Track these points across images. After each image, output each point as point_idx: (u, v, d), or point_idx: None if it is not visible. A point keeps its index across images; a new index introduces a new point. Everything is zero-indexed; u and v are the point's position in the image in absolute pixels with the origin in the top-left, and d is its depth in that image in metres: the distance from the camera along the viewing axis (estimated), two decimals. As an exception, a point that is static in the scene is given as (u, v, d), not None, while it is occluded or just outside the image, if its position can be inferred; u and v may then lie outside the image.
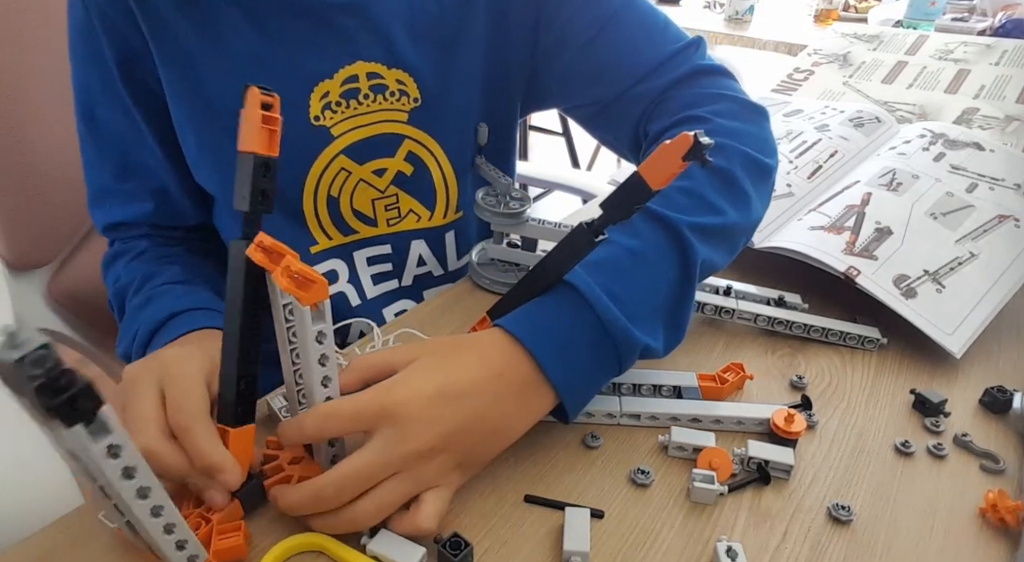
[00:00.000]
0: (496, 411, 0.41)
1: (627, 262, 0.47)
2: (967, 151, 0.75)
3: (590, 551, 0.39)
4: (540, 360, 0.42)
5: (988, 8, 1.69)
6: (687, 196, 0.51)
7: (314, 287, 0.35)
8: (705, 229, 0.49)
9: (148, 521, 0.33)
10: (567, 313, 0.44)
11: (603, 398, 0.49)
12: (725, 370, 0.53)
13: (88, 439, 0.28)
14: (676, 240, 0.48)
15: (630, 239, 0.48)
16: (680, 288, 0.48)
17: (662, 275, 0.47)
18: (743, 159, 0.54)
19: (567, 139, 2.51)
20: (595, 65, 0.63)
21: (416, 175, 0.64)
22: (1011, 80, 0.93)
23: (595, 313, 0.44)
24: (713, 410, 0.49)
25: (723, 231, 0.51)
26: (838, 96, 0.97)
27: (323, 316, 0.36)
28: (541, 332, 0.43)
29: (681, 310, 0.48)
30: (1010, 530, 0.43)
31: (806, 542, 0.42)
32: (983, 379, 0.57)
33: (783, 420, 0.47)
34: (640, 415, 0.49)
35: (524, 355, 0.42)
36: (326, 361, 0.38)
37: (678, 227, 0.48)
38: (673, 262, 0.48)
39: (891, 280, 0.60)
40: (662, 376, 0.52)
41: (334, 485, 0.37)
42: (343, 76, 0.58)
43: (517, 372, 0.42)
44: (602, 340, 0.44)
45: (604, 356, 0.45)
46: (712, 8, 2.41)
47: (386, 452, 0.37)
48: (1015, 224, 0.66)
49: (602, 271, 0.46)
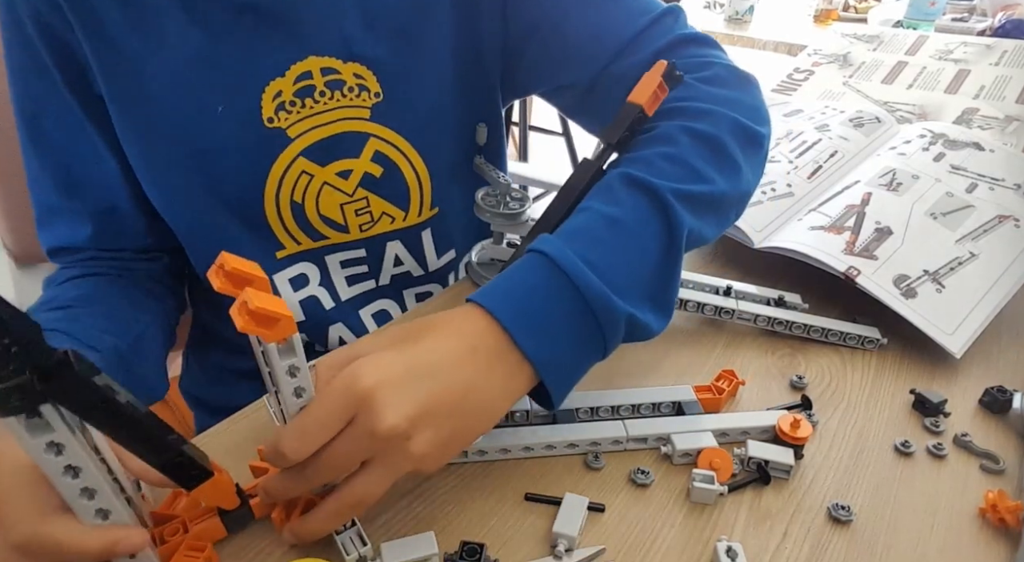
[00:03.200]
0: (472, 387, 0.38)
1: (605, 230, 0.43)
2: (967, 151, 0.75)
3: (578, 537, 0.40)
4: (511, 331, 0.39)
5: (988, 8, 1.69)
6: (671, 162, 0.47)
7: (279, 324, 0.31)
8: (692, 197, 0.46)
9: (93, 523, 0.32)
10: (540, 282, 0.41)
11: (606, 425, 0.48)
12: (718, 379, 0.53)
13: (24, 434, 0.28)
14: (660, 208, 0.44)
15: (608, 206, 0.44)
16: (665, 260, 0.44)
17: (644, 245, 0.44)
18: (732, 125, 0.51)
19: (567, 139, 2.50)
20: (568, 46, 0.59)
21: (387, 176, 0.60)
22: (1011, 80, 0.93)
23: (568, 279, 0.40)
24: (719, 423, 0.49)
25: (711, 200, 0.48)
26: (838, 96, 0.97)
27: (293, 350, 0.33)
28: (510, 301, 0.40)
29: (667, 285, 0.44)
30: (1010, 530, 0.43)
31: (806, 542, 0.42)
32: (983, 379, 0.57)
33: (789, 425, 0.47)
34: (647, 438, 0.48)
35: (496, 327, 0.39)
36: (303, 393, 0.35)
37: (661, 193, 0.44)
38: (657, 231, 0.44)
39: (891, 280, 0.60)
40: (658, 393, 0.51)
41: (304, 478, 0.35)
42: (295, 73, 0.54)
43: (490, 345, 0.39)
44: (579, 309, 0.40)
45: (583, 328, 0.41)
46: (712, 8, 2.41)
47: (362, 436, 0.34)
48: (1015, 224, 0.66)
49: (577, 238, 0.42)
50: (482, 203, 0.61)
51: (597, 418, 0.50)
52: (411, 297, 0.68)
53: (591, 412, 0.50)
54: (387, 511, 0.42)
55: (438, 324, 0.40)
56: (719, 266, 0.72)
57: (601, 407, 0.50)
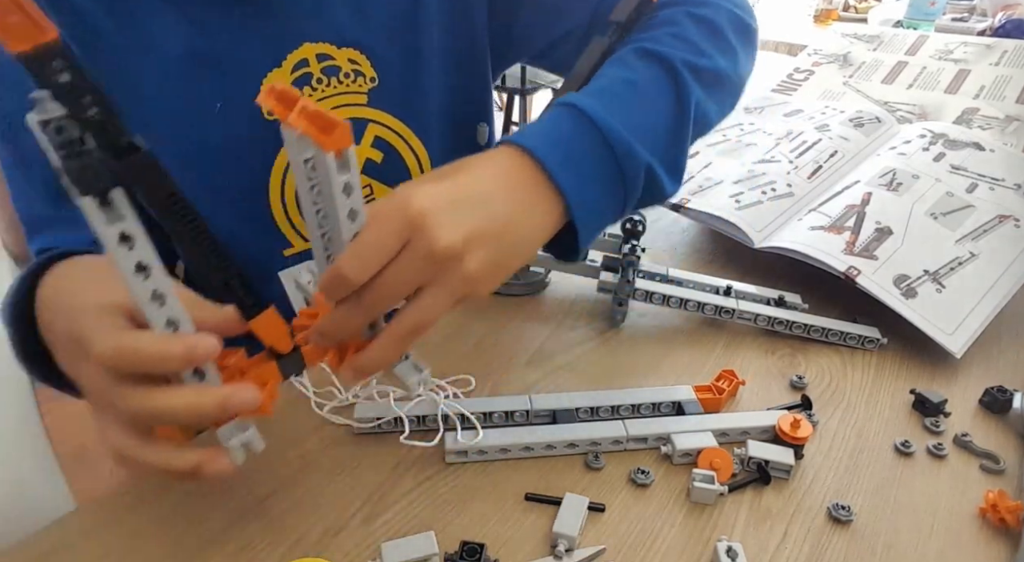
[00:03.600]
0: (513, 217, 0.39)
1: (624, 90, 0.46)
2: (967, 151, 0.75)
3: (578, 537, 0.40)
4: (548, 166, 0.41)
5: (988, 8, 1.70)
6: (677, 38, 0.51)
7: (337, 130, 0.31)
8: (698, 69, 0.49)
9: (157, 321, 0.32)
10: (569, 128, 0.43)
11: (606, 425, 0.48)
12: (718, 379, 0.53)
13: (101, 219, 0.28)
14: (671, 74, 0.48)
15: (624, 71, 0.47)
16: (677, 122, 0.47)
17: (659, 106, 0.47)
18: (728, 14, 0.55)
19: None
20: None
21: (388, 162, 0.60)
22: (1011, 80, 0.93)
23: (595, 125, 0.43)
24: (719, 423, 0.49)
25: (715, 75, 0.51)
26: (838, 96, 0.97)
27: (348, 165, 0.33)
28: (545, 142, 0.42)
29: (679, 148, 0.47)
30: (1010, 530, 0.43)
31: (806, 542, 0.42)
32: (983, 379, 0.57)
33: (789, 425, 0.47)
34: (647, 438, 0.48)
35: (533, 164, 0.41)
36: (355, 216, 0.34)
37: (672, 61, 0.48)
38: (669, 95, 0.47)
39: (891, 280, 0.60)
40: (658, 393, 0.51)
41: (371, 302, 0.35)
42: (292, 62, 0.54)
43: (527, 180, 0.41)
44: (606, 155, 0.43)
45: (608, 173, 0.43)
46: (712, 8, 2.40)
47: (418, 258, 0.35)
48: (1015, 224, 0.66)
49: (599, 95, 0.44)
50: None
51: (597, 418, 0.50)
52: None
53: (591, 412, 0.50)
54: (387, 511, 0.42)
55: (478, 162, 0.41)
56: (719, 266, 0.72)
57: (601, 407, 0.50)
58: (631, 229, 0.62)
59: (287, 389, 0.52)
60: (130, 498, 0.43)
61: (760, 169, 0.75)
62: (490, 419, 0.49)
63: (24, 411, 0.63)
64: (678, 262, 0.73)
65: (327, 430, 0.49)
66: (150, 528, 0.41)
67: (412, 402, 0.48)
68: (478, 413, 0.48)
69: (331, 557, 0.38)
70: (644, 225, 0.62)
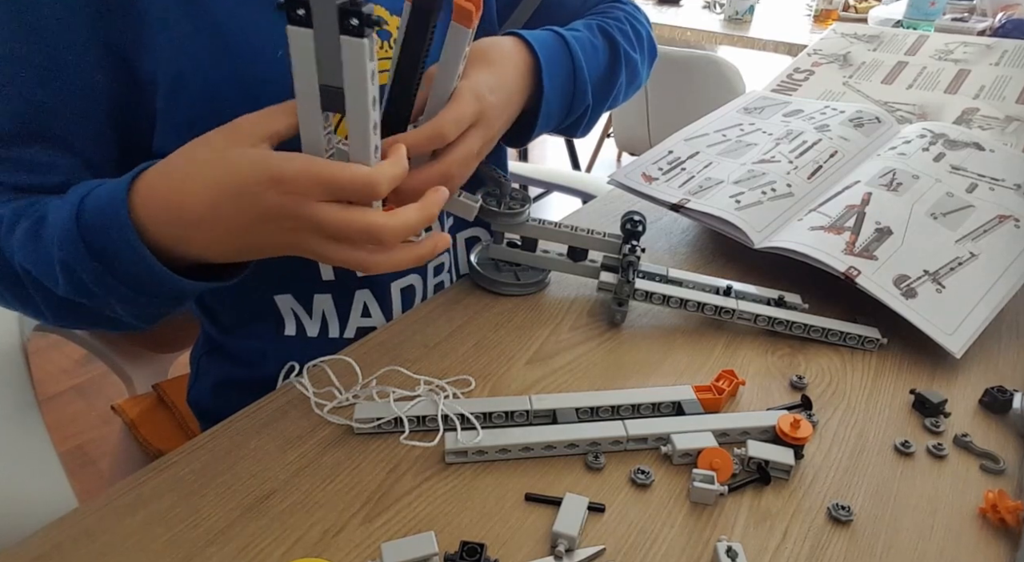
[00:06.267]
0: (513, 96, 0.56)
1: (589, 48, 0.64)
2: (967, 151, 0.75)
3: (578, 537, 0.40)
4: (544, 72, 0.57)
5: (988, 8, 1.70)
6: (622, 32, 0.69)
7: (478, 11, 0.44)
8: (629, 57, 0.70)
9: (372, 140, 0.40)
10: (561, 51, 0.60)
11: (606, 425, 0.48)
12: (718, 379, 0.53)
13: (371, 55, 0.37)
14: (615, 52, 0.67)
15: (590, 36, 0.65)
16: (608, 86, 0.67)
17: (603, 72, 0.66)
18: (647, 31, 0.75)
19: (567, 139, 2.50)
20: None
21: None
22: (1011, 80, 0.93)
23: (572, 59, 0.61)
24: (719, 423, 0.49)
25: (633, 66, 0.71)
26: (838, 96, 0.97)
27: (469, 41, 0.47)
28: (547, 52, 0.58)
29: (601, 106, 0.67)
30: (1010, 530, 0.43)
31: (806, 542, 0.42)
32: (983, 379, 0.57)
33: (789, 425, 0.47)
34: (647, 438, 0.48)
35: (533, 63, 0.57)
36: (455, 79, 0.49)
37: (617, 45, 0.68)
38: (611, 67, 0.67)
39: (891, 280, 0.60)
40: (658, 393, 0.51)
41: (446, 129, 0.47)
42: None
43: (525, 69, 0.57)
44: (571, 79, 0.61)
45: (567, 91, 0.61)
46: (712, 8, 2.41)
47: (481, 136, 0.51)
48: (1015, 224, 0.66)
49: (579, 44, 0.62)
50: (483, 203, 0.61)
51: (597, 418, 0.50)
52: (430, 270, 0.68)
53: (591, 412, 0.50)
54: (387, 511, 0.42)
55: (508, 59, 0.56)
56: (719, 266, 0.72)
57: (601, 407, 0.50)
58: (631, 229, 0.62)
59: (287, 389, 0.52)
60: (130, 498, 0.43)
61: (760, 169, 0.75)
62: (490, 419, 0.49)
63: (24, 411, 0.63)
64: (678, 262, 0.73)
65: (327, 430, 0.49)
66: (150, 528, 0.41)
67: (412, 403, 0.48)
68: (478, 413, 0.48)
69: (331, 557, 0.38)
70: (644, 225, 0.62)
